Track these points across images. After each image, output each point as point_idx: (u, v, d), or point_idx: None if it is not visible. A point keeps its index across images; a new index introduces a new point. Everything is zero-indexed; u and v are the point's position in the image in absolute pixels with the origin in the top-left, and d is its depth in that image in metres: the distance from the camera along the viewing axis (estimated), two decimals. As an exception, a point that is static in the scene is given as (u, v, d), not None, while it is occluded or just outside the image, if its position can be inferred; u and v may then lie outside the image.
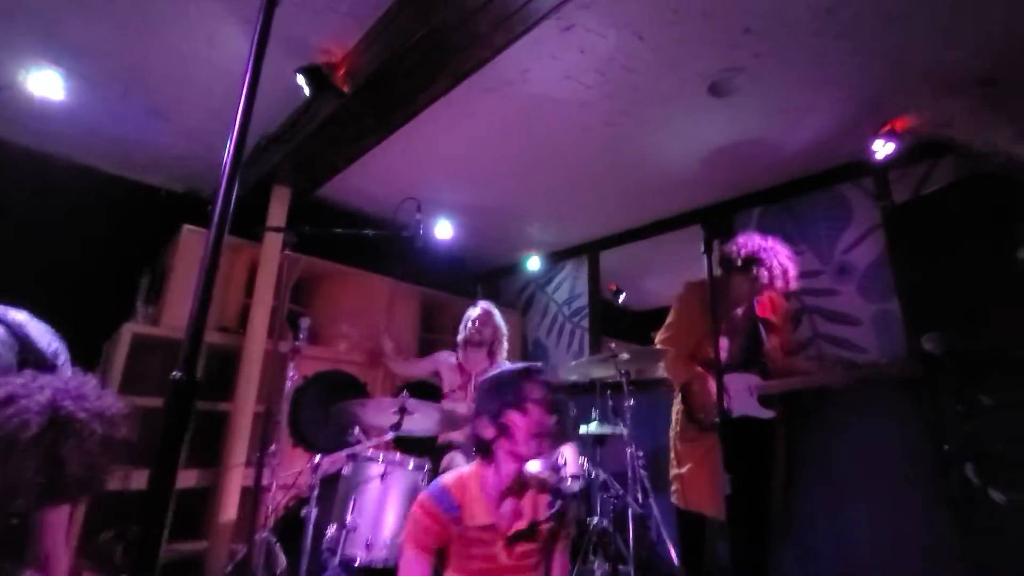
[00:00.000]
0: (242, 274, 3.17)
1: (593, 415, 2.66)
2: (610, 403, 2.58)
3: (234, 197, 0.62)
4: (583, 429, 2.62)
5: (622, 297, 5.14)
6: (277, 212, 3.04)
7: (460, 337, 3.00)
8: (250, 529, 2.33)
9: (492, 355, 2.96)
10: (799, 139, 2.77)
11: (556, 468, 2.30)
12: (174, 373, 0.58)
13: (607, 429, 2.54)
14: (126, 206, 3.26)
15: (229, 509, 2.63)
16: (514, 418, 1.34)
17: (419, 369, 3.18)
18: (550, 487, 1.42)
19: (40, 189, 2.96)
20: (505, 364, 2.94)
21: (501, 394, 1.38)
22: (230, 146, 0.63)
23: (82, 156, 3.13)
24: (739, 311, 2.53)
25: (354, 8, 2.02)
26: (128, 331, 2.62)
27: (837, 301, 2.91)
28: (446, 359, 3.08)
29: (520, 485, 1.38)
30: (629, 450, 2.32)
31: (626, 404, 2.38)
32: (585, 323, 4.21)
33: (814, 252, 3.04)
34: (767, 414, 2.32)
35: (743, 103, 2.48)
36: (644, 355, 2.59)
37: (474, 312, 3.00)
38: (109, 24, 2.15)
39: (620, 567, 2.30)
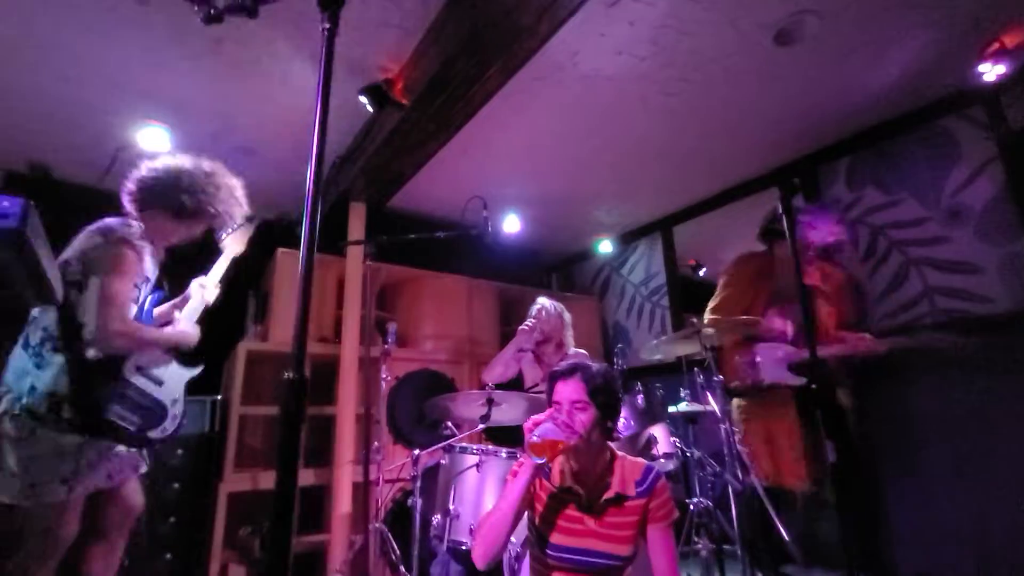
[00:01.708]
0: (333, 287, 3.42)
1: (682, 394, 2.59)
2: (699, 380, 2.50)
3: (319, 216, 0.69)
4: (672, 408, 2.56)
5: (703, 271, 4.94)
6: (356, 227, 3.24)
7: None
8: (364, 520, 2.53)
9: (560, 345, 2.99)
10: (886, 76, 2.52)
11: (647, 446, 2.28)
12: (286, 373, 0.66)
13: (697, 407, 2.46)
14: (229, 237, 3.62)
15: (344, 503, 2.86)
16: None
17: (510, 372, 3.20)
18: (641, 465, 1.42)
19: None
20: (573, 352, 2.95)
21: (546, 394, 1.46)
22: (310, 172, 0.70)
23: (188, 198, 3.52)
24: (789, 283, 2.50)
25: (404, 21, 2.11)
26: (243, 349, 2.92)
27: (950, 249, 2.61)
28: (525, 357, 3.11)
29: (608, 462, 1.40)
30: (723, 426, 2.24)
31: (715, 379, 2.29)
32: (665, 301, 4.10)
33: (917, 198, 2.75)
34: (798, 381, 2.36)
35: (815, 47, 2.30)
36: (729, 327, 2.49)
37: (531, 311, 3.03)
38: (200, 81, 2.42)
39: (725, 547, 2.23)
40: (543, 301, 3.01)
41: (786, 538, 2.06)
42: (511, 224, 3.84)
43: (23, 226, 0.62)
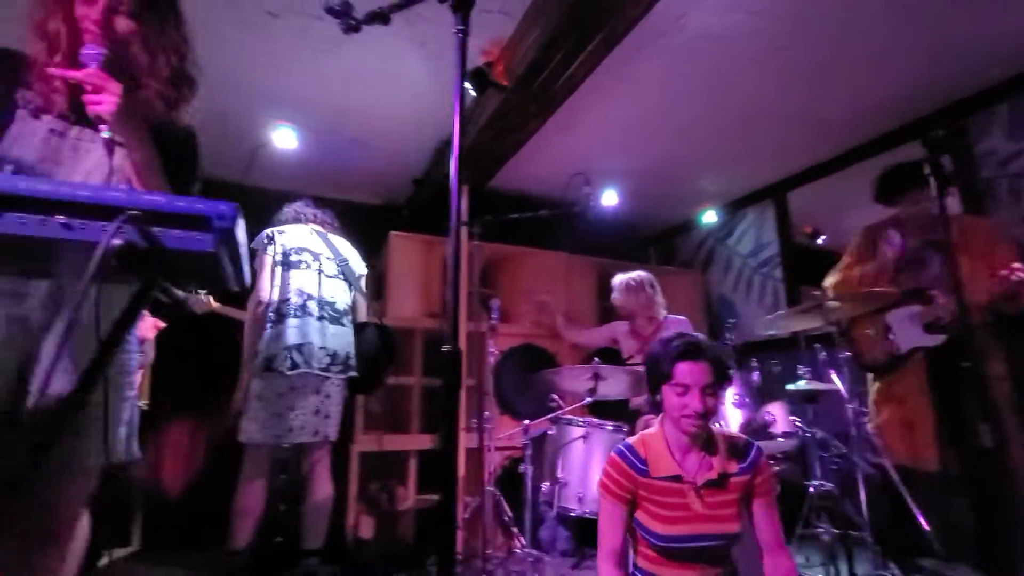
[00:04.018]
0: (438, 266, 3.62)
1: (800, 371, 2.45)
2: (821, 356, 2.34)
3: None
4: (790, 386, 2.44)
5: (822, 239, 4.54)
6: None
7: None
8: (477, 483, 2.72)
9: (652, 318, 2.99)
10: (1064, 1, 2.12)
11: (764, 424, 2.21)
12: (445, 347, 0.75)
13: (819, 385, 2.32)
14: (347, 223, 3.95)
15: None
16: (665, 394, 1.36)
17: (598, 338, 3.28)
18: (741, 441, 1.40)
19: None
20: (670, 318, 2.94)
21: (653, 368, 1.40)
22: (453, 168, 0.78)
23: (310, 188, 3.84)
24: (916, 240, 2.27)
25: (505, 5, 2.14)
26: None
27: None
28: (621, 327, 3.14)
29: (706, 439, 1.38)
30: (851, 406, 2.10)
31: (841, 356, 2.14)
32: (777, 273, 3.84)
33: (1104, 145, 2.32)
34: (934, 341, 2.13)
35: (969, -23, 1.99)
36: (858, 300, 2.29)
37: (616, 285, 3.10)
38: (320, 80, 2.64)
39: (852, 533, 2.12)
40: (618, 279, 3.05)
41: (925, 528, 1.91)
42: (609, 198, 3.79)
43: (234, 225, 0.76)
